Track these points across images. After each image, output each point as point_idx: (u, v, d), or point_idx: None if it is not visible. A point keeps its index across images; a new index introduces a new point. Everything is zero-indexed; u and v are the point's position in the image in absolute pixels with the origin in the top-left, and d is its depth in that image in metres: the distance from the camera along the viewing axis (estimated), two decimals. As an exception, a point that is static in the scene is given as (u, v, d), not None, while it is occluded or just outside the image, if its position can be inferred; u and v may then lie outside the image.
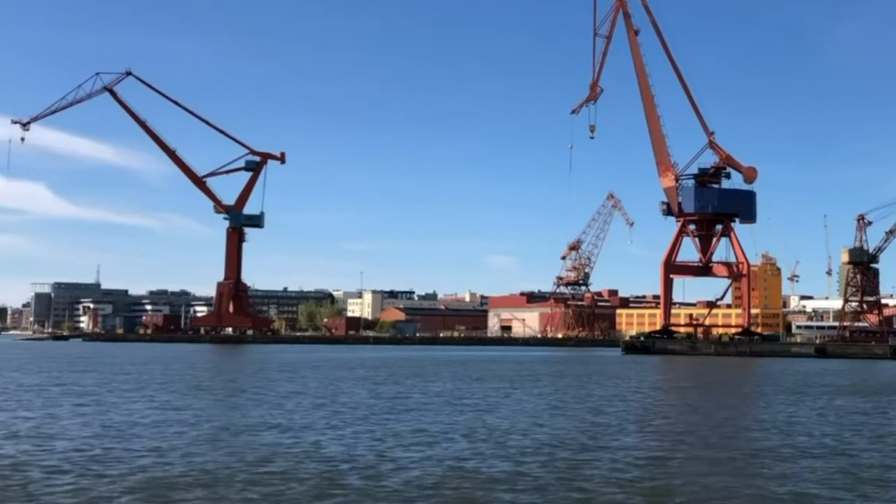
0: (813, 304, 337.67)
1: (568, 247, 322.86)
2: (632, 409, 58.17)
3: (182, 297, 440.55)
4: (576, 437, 41.84)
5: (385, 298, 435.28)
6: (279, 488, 27.94)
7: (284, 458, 33.94)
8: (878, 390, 79.14)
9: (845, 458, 36.10)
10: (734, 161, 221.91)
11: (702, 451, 37.72)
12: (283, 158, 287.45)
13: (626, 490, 28.56)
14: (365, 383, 79.05)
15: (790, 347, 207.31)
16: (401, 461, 33.50)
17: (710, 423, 49.07)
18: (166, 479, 29.02)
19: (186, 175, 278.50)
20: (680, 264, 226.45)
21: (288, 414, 50.52)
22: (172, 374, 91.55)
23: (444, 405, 57.86)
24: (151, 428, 42.96)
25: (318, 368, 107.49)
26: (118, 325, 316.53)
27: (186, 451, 35.10)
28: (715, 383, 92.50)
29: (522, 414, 52.76)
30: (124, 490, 27.25)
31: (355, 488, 28.15)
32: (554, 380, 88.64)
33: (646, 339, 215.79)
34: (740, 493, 28.24)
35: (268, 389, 69.51)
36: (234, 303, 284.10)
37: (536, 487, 28.71)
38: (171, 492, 27.07)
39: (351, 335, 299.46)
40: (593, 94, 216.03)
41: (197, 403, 56.91)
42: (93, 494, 26.64)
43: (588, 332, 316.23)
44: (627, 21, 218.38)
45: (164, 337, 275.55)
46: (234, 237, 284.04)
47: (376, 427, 44.40)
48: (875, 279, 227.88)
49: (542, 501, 26.76)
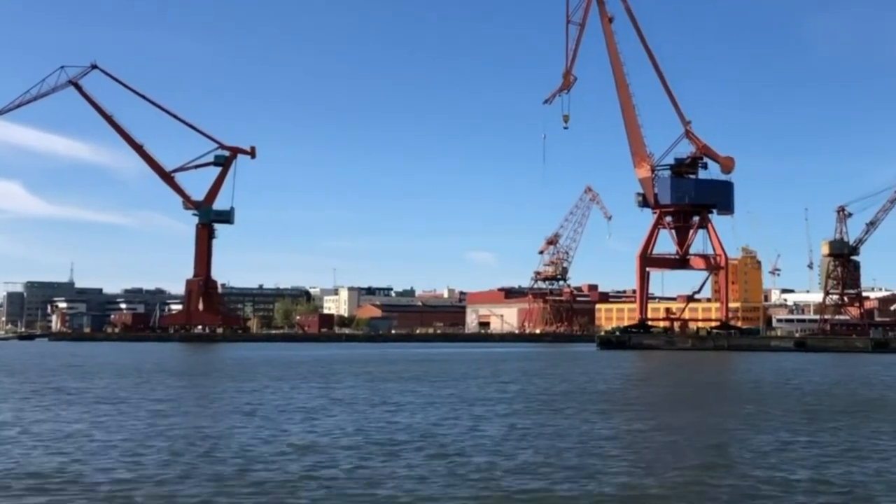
0: (794, 297, 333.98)
1: (546, 241, 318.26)
2: (471, 414, 50.03)
3: (157, 296, 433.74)
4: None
5: (362, 295, 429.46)
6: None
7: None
8: (848, 407, 56.07)
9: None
10: (711, 151, 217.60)
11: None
12: (254, 153, 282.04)
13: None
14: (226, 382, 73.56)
15: (769, 341, 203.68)
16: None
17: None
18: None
19: (154, 170, 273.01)
20: (656, 257, 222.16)
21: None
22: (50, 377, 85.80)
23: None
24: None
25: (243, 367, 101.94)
26: (86, 323, 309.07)
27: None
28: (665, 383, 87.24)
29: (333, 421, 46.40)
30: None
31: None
32: (471, 381, 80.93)
33: (622, 334, 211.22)
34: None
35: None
36: (205, 301, 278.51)
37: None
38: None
39: (324, 333, 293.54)
40: (566, 84, 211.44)
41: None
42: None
43: (567, 327, 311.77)
44: (601, 8, 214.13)
45: (132, 336, 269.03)
46: (203, 233, 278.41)
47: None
48: (856, 271, 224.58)
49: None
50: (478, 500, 26.13)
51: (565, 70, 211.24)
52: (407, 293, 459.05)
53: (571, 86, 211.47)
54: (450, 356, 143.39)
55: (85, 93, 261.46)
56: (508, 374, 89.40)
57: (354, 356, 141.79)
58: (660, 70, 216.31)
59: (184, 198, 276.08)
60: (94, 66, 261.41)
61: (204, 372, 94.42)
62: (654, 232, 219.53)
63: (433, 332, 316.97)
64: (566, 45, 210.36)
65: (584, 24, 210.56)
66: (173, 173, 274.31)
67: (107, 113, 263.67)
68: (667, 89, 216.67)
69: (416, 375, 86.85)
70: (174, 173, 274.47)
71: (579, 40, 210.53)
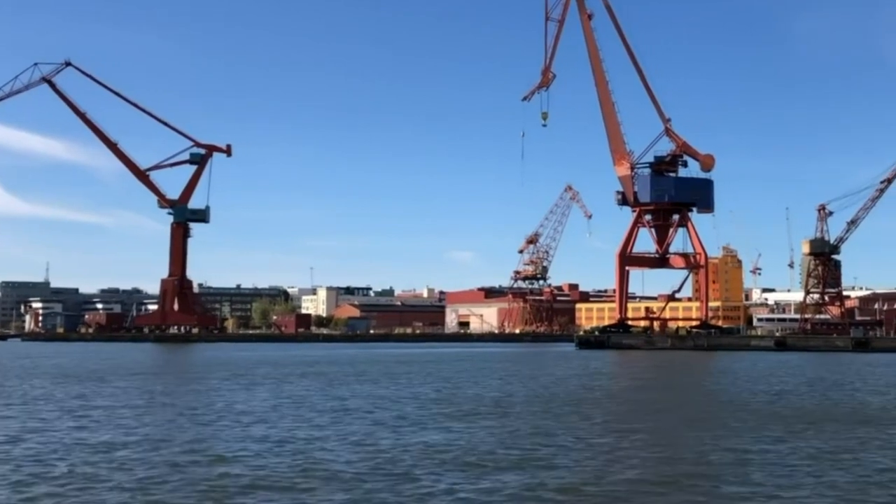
0: (775, 296, 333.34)
1: (525, 240, 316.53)
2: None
3: (134, 296, 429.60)
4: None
5: (340, 295, 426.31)
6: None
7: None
8: (819, 417, 49.07)
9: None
10: (691, 149, 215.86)
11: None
12: (230, 151, 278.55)
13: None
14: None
15: (749, 340, 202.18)
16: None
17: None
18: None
19: (129, 169, 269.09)
20: (636, 256, 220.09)
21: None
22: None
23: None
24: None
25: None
26: (59, 323, 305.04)
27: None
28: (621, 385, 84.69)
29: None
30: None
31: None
32: (417, 378, 77.55)
33: (601, 334, 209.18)
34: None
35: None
36: (180, 300, 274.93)
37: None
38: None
39: (301, 333, 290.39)
40: (545, 81, 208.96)
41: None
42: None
43: (547, 327, 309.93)
44: (580, 5, 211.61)
45: (105, 336, 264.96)
46: (178, 232, 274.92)
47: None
48: (837, 270, 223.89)
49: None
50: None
51: (544, 67, 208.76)
52: (386, 293, 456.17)
53: (550, 83, 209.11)
54: (412, 357, 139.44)
55: (58, 90, 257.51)
56: (456, 376, 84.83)
57: (317, 357, 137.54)
58: (639, 67, 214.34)
59: (159, 196, 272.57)
60: (68, 63, 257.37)
61: (157, 373, 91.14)
62: (633, 230, 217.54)
63: (412, 332, 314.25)
64: (545, 41, 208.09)
65: (563, 20, 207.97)
66: (148, 171, 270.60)
67: (80, 110, 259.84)
68: (646, 86, 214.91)
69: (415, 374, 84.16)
70: (149, 171, 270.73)
71: (558, 37, 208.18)
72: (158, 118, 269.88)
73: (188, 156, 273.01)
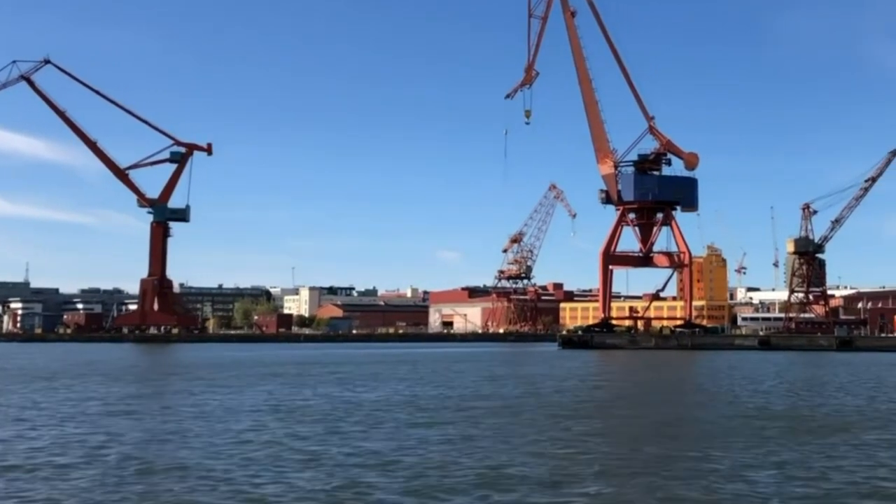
0: (760, 295, 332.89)
1: (510, 239, 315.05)
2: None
3: (115, 296, 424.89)
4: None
5: (323, 295, 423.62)
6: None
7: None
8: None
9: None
10: (675, 147, 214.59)
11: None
12: (210, 150, 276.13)
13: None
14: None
15: (734, 340, 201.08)
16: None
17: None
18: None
19: (108, 168, 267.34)
20: (620, 255, 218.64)
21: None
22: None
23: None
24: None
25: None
26: (37, 324, 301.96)
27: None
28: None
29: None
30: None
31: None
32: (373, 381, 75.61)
33: (584, 333, 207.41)
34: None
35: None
36: (160, 300, 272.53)
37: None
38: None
39: (282, 333, 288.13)
40: (528, 78, 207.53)
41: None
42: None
43: (531, 326, 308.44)
44: (563, 2, 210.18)
45: (84, 337, 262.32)
46: (158, 232, 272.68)
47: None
48: (821, 269, 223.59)
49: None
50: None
51: (527, 64, 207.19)
52: (369, 293, 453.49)
53: (533, 81, 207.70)
54: (385, 357, 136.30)
55: (37, 88, 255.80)
56: (421, 379, 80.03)
57: (287, 357, 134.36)
58: (623, 65, 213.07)
59: (138, 195, 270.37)
60: (48, 60, 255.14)
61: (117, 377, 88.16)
62: (617, 229, 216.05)
63: (395, 332, 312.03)
64: (528, 39, 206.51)
65: (546, 17, 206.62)
66: (128, 170, 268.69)
67: (59, 108, 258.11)
68: (630, 84, 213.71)
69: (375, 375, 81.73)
70: (128, 170, 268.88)
71: (541, 34, 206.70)
72: (139, 117, 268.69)
73: (168, 154, 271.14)
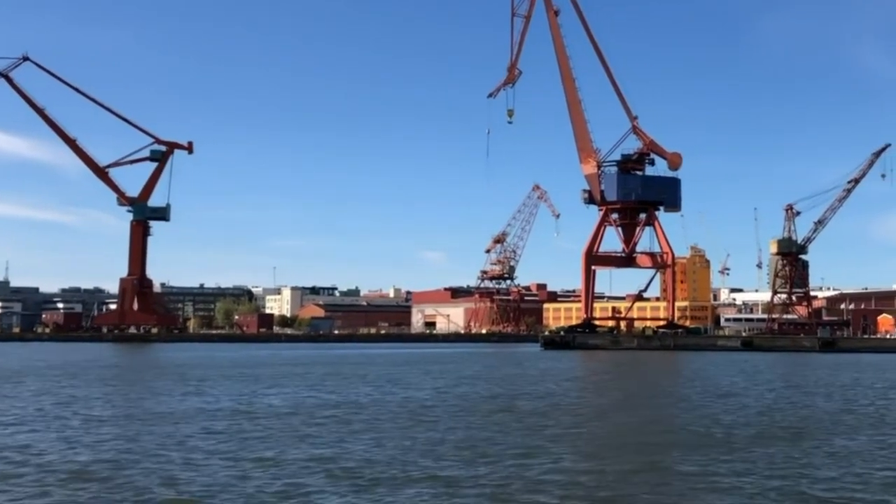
0: (743, 296, 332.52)
1: (493, 240, 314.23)
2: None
3: (96, 295, 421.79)
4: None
5: (305, 295, 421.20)
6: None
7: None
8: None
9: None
10: (658, 147, 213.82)
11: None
12: (191, 148, 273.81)
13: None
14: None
15: (716, 340, 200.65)
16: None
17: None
18: None
19: (88, 166, 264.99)
20: (602, 255, 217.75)
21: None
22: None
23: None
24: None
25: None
26: (15, 323, 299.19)
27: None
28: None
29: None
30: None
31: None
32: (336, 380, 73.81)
33: (566, 334, 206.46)
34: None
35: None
36: (140, 300, 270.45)
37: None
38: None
39: (263, 333, 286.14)
40: (511, 77, 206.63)
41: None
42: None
43: (514, 327, 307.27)
44: (547, 1, 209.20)
45: (62, 336, 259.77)
46: (138, 230, 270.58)
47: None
48: (804, 271, 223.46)
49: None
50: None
51: (510, 63, 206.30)
52: (352, 293, 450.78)
53: (516, 80, 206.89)
54: (358, 357, 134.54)
55: (16, 85, 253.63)
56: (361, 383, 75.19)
57: (256, 359, 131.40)
58: (607, 65, 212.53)
59: (118, 194, 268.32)
60: (26, 57, 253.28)
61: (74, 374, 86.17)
62: (600, 229, 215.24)
63: (377, 332, 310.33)
64: (511, 38, 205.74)
65: (529, 16, 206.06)
66: (107, 168, 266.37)
67: (38, 106, 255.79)
68: (613, 84, 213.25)
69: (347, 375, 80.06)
70: (108, 168, 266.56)
71: (524, 33, 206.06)
72: (119, 114, 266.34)
73: (149, 153, 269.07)
